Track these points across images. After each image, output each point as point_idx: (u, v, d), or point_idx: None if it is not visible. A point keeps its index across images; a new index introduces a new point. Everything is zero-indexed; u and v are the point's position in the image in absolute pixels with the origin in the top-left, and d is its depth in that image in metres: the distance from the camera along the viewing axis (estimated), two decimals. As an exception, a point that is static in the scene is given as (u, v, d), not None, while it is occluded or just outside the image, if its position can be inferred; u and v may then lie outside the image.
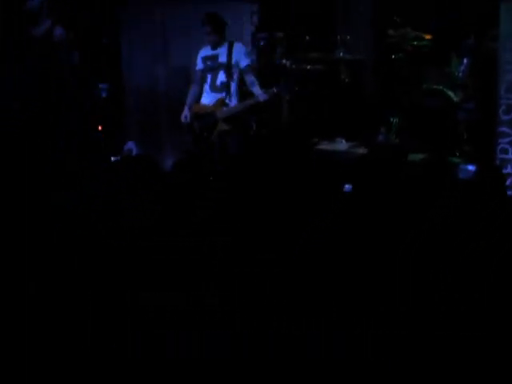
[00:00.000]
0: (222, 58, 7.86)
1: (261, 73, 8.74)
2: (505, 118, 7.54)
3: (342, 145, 8.79)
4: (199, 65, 8.03)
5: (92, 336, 3.55)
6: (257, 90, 7.82)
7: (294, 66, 8.90)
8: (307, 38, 9.06)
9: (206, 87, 8.00)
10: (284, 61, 8.90)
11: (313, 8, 9.25)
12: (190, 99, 8.11)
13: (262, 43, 8.85)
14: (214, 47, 7.90)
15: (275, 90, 7.92)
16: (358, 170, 4.86)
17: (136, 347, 3.51)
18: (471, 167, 7.31)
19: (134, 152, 8.72)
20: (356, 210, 4.39)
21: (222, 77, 7.88)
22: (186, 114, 8.06)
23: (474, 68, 8.23)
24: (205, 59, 7.97)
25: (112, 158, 7.89)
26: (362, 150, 8.36)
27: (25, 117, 7.43)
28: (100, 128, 8.71)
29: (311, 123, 8.99)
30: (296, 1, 9.19)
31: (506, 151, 7.51)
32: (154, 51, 9.07)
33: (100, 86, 8.90)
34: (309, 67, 8.93)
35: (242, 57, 7.85)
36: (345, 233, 4.04)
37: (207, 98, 8.00)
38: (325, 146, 8.74)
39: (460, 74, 8.29)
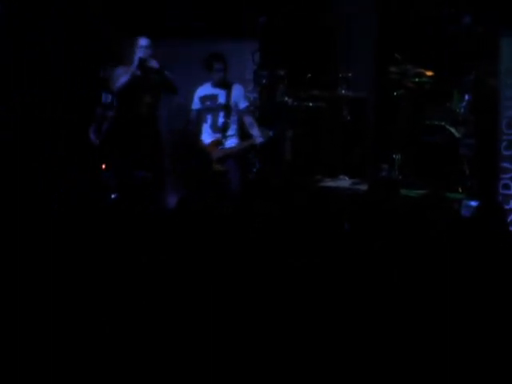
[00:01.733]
0: (222, 99, 7.88)
1: (262, 111, 8.77)
2: (506, 153, 7.55)
3: (344, 182, 8.78)
4: (196, 104, 8.04)
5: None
6: (255, 131, 7.86)
7: (295, 104, 8.91)
8: (309, 75, 9.08)
9: (207, 127, 8.00)
10: (286, 98, 8.92)
11: (314, 45, 9.29)
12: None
13: (263, 81, 8.89)
14: (217, 85, 7.90)
15: (271, 134, 7.95)
16: (357, 206, 4.84)
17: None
18: (474, 203, 7.29)
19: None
20: (354, 248, 4.36)
21: (222, 117, 7.89)
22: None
23: (475, 104, 8.24)
24: (203, 99, 7.97)
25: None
26: (364, 187, 8.35)
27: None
28: (104, 167, 8.69)
29: (314, 160, 8.99)
30: (297, 38, 9.22)
31: (508, 187, 7.51)
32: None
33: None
34: (311, 104, 8.95)
35: (241, 98, 7.89)
36: (344, 270, 4.02)
37: (208, 138, 8.00)
38: (328, 183, 8.74)
39: (461, 110, 8.30)
